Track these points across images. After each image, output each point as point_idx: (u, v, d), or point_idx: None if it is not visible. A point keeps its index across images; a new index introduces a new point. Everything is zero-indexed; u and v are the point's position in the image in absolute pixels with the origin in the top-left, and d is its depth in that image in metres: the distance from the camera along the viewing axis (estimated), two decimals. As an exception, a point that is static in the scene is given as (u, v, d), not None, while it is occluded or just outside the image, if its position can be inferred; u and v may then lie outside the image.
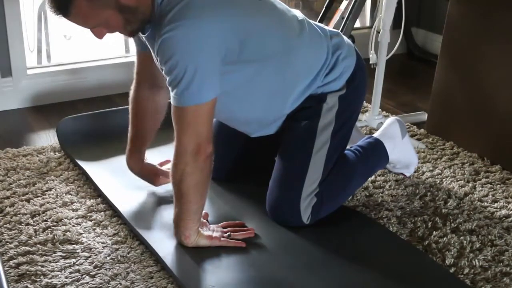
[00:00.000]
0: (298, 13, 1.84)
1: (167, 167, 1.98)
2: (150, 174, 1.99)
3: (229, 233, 1.77)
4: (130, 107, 1.95)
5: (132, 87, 1.94)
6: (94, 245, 1.78)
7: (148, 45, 1.74)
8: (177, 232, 1.73)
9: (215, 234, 1.75)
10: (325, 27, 1.91)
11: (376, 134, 2.06)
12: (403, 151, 2.06)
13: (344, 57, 1.85)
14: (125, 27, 1.64)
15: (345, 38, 1.92)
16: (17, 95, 2.79)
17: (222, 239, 1.74)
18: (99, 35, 1.64)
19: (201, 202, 1.71)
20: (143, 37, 1.73)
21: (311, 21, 1.88)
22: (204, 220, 1.80)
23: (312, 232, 1.83)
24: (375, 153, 2.00)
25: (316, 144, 1.83)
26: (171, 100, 1.62)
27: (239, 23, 1.63)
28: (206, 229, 1.77)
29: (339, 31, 1.94)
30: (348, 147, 1.98)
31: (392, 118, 2.11)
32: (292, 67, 1.78)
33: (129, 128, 1.96)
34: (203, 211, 1.83)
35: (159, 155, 2.05)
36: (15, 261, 1.70)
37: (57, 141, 2.37)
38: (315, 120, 1.84)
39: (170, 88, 1.61)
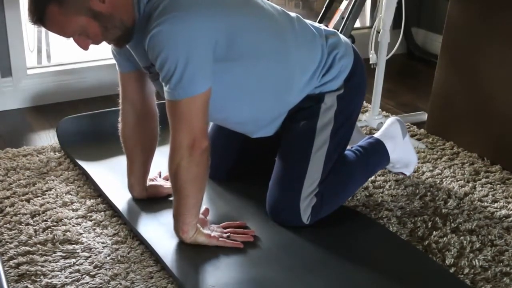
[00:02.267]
0: (290, 13, 1.83)
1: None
2: (157, 194, 1.99)
3: (229, 234, 1.77)
4: (121, 141, 1.94)
5: (120, 120, 1.92)
6: (94, 245, 1.78)
7: (133, 53, 1.73)
8: (175, 226, 1.73)
9: (214, 234, 1.75)
10: (321, 26, 1.89)
11: (376, 134, 2.06)
12: (404, 151, 2.06)
13: (341, 56, 1.84)
14: (104, 34, 1.62)
15: (342, 37, 1.91)
16: (17, 95, 2.79)
17: (220, 239, 1.74)
18: (83, 45, 1.64)
19: (199, 197, 1.71)
20: (127, 46, 1.72)
21: (306, 20, 1.87)
22: (205, 219, 1.80)
23: (312, 232, 1.83)
24: (376, 153, 2.00)
25: (315, 144, 1.83)
26: (165, 95, 1.62)
27: (227, 20, 1.63)
28: (206, 228, 1.77)
29: (335, 30, 1.93)
30: (348, 147, 1.98)
31: (392, 118, 2.11)
32: (283, 67, 1.77)
33: (126, 160, 1.95)
34: (204, 207, 1.83)
35: (160, 155, 2.05)
36: (15, 261, 1.70)
37: (57, 141, 2.37)
38: (313, 120, 1.84)
39: (163, 84, 1.61)
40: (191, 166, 1.64)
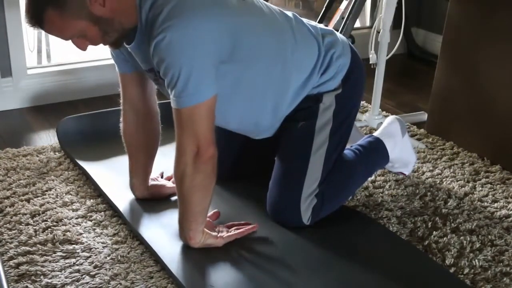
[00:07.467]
0: (287, 12, 1.83)
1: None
2: (160, 195, 1.98)
3: (235, 229, 1.77)
4: (123, 141, 1.94)
5: (121, 120, 1.92)
6: (94, 245, 1.78)
7: (134, 55, 1.72)
8: (181, 233, 1.72)
9: (220, 234, 1.75)
10: (318, 25, 1.88)
11: (376, 133, 2.06)
12: (403, 150, 2.06)
13: (338, 56, 1.84)
14: (104, 38, 1.61)
15: (339, 36, 1.90)
16: (17, 95, 2.79)
17: (226, 235, 1.74)
18: (81, 47, 1.62)
19: (204, 204, 1.68)
20: (129, 48, 1.71)
21: (302, 19, 1.86)
22: (211, 221, 1.79)
23: (312, 232, 1.83)
24: (376, 152, 2.00)
25: (314, 144, 1.82)
26: (171, 102, 1.62)
27: (229, 23, 1.62)
28: (212, 230, 1.75)
29: (332, 29, 1.92)
30: (348, 146, 1.98)
31: (392, 117, 2.10)
32: (282, 68, 1.76)
33: (128, 160, 1.95)
34: (213, 211, 1.83)
35: (161, 155, 2.04)
36: (15, 261, 1.70)
37: (57, 141, 2.37)
38: (312, 120, 1.83)
39: (169, 90, 1.61)
40: (195, 173, 1.62)
